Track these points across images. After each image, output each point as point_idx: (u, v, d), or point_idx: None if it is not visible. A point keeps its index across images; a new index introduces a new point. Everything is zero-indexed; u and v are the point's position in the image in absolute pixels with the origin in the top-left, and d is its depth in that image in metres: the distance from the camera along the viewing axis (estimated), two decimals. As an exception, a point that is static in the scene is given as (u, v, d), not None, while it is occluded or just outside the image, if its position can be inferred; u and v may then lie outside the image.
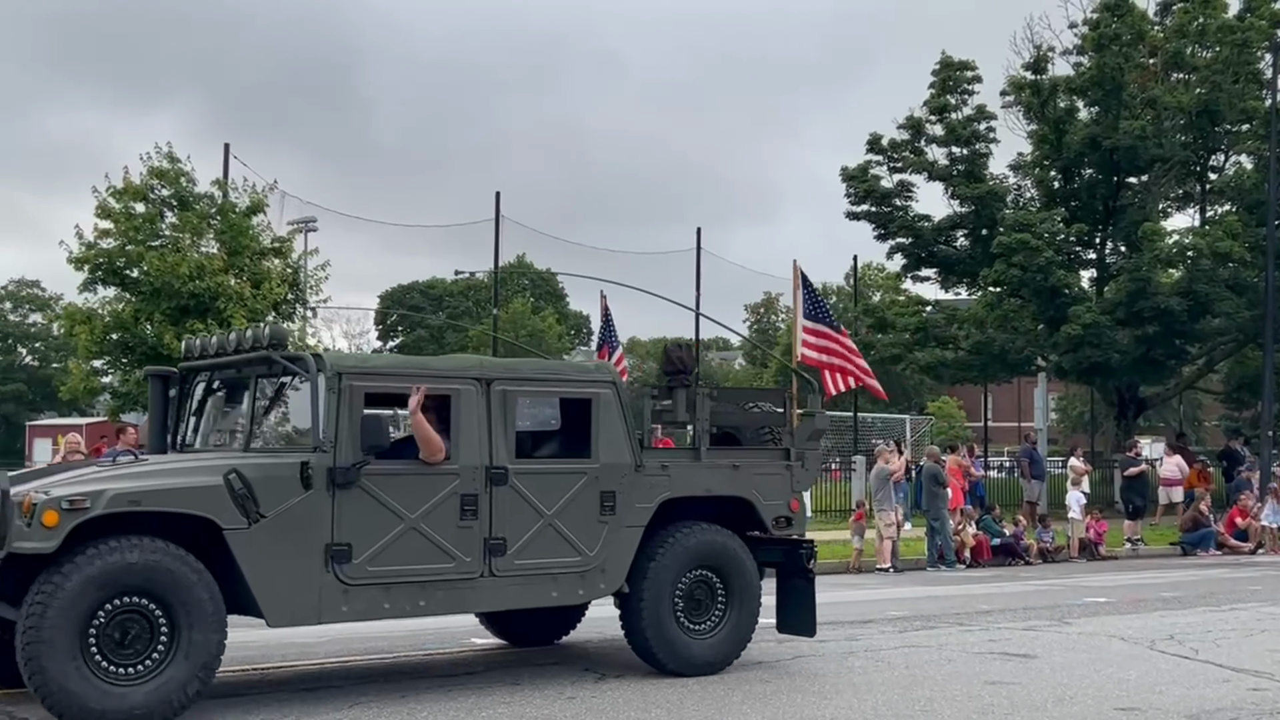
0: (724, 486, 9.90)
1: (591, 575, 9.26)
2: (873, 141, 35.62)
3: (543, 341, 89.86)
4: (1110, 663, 10.35)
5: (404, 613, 8.70)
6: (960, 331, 35.39)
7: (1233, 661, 10.36)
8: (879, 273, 66.50)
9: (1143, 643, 11.45)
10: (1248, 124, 32.72)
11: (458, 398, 8.88)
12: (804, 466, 10.33)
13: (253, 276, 22.92)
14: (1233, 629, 12.52)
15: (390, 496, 8.51)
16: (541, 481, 9.15)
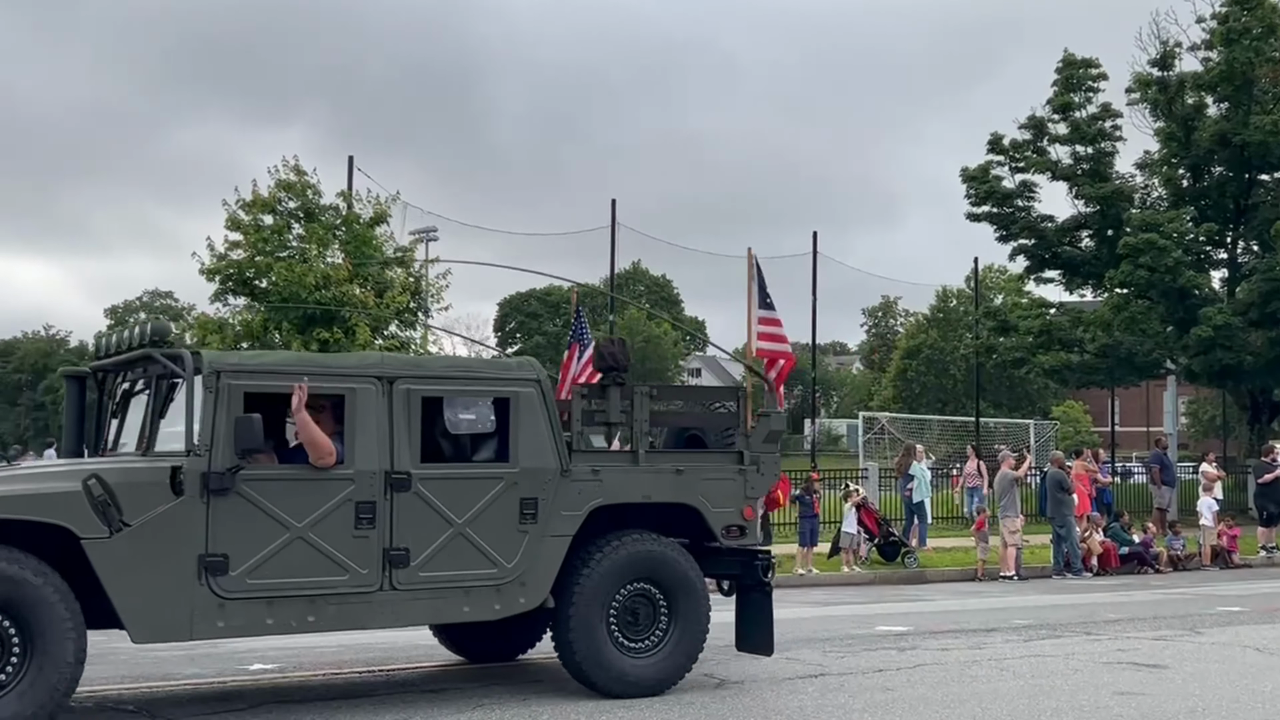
0: (666, 493, 9.19)
1: (509, 588, 8.57)
2: (994, 142, 35.09)
3: (658, 347, 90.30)
4: (1244, 674, 10.06)
5: (289, 629, 8.10)
6: (1085, 334, 34.64)
7: (1376, 675, 9.99)
8: (1000, 275, 65.34)
9: (1278, 654, 11.10)
10: (1385, 117, 31.53)
11: (354, 397, 8.27)
12: (760, 471, 9.55)
13: (376, 285, 23.42)
14: (1376, 641, 12.08)
15: (274, 504, 7.89)
16: (451, 487, 8.48)
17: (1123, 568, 21.55)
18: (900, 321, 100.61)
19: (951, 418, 58.79)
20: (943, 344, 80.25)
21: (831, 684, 9.53)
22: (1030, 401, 73.17)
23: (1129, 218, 32.44)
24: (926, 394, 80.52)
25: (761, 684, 9.52)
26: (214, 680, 9.58)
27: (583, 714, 8.41)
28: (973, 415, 46.38)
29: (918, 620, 13.88)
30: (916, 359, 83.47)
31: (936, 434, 53.03)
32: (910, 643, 11.85)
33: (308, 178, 23.78)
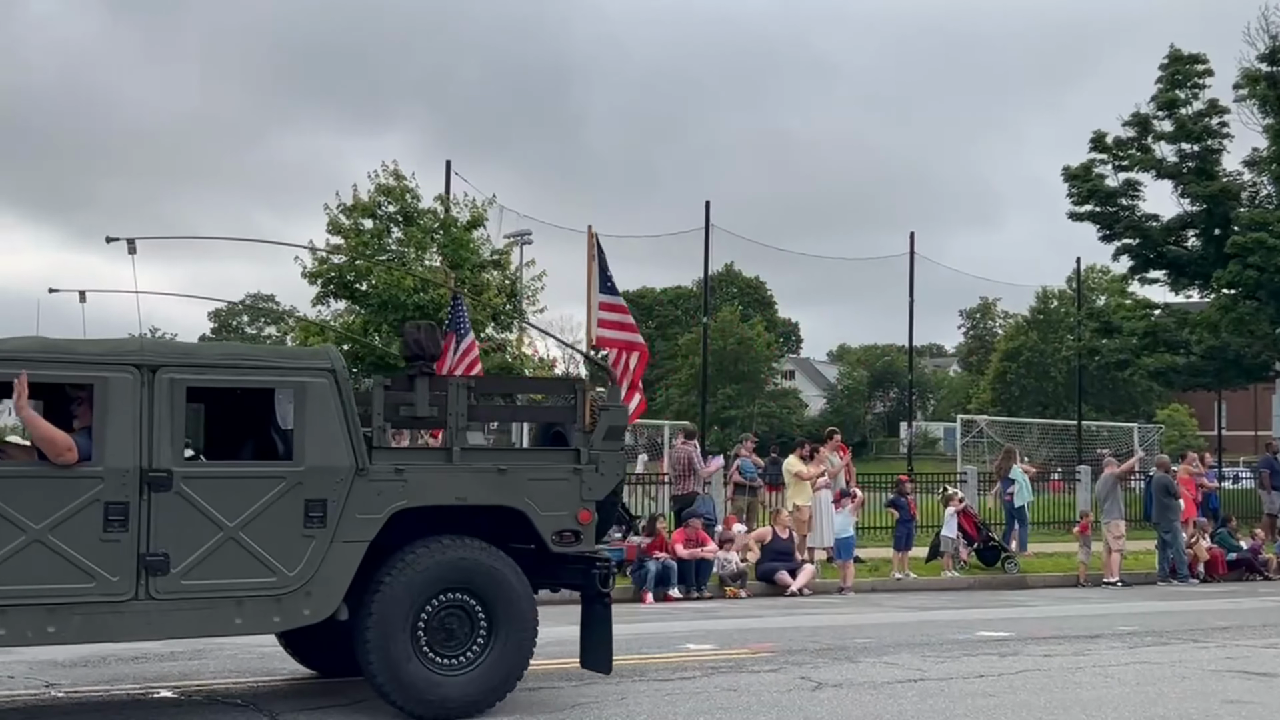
0: (485, 494, 8.33)
1: (292, 599, 7.77)
2: (1097, 139, 34.46)
3: (751, 349, 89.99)
4: (1363, 686, 9.76)
5: (26, 640, 7.42)
6: (1192, 336, 33.86)
7: None
8: (1103, 276, 64.14)
9: (1399, 665, 10.74)
10: None
11: (105, 387, 7.46)
12: (599, 471, 8.65)
13: (473, 288, 23.68)
14: None
15: (5, 504, 7.18)
16: (223, 487, 7.71)
17: (1230, 574, 21.02)
18: (999, 323, 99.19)
19: (1052, 421, 57.75)
20: (1043, 346, 78.94)
21: (931, 689, 9.42)
22: (1134, 405, 71.69)
23: (1237, 216, 31.66)
24: (1026, 397, 79.26)
25: (861, 688, 9.44)
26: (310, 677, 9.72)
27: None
28: (1074, 419, 45.53)
29: (1019, 626, 13.67)
30: (1016, 361, 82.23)
31: (1036, 438, 52.15)
32: (1012, 648, 11.67)
33: (406, 182, 24.12)
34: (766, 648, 11.56)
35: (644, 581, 16.76)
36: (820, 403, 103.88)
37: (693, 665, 10.49)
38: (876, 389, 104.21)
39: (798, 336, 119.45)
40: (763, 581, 17.92)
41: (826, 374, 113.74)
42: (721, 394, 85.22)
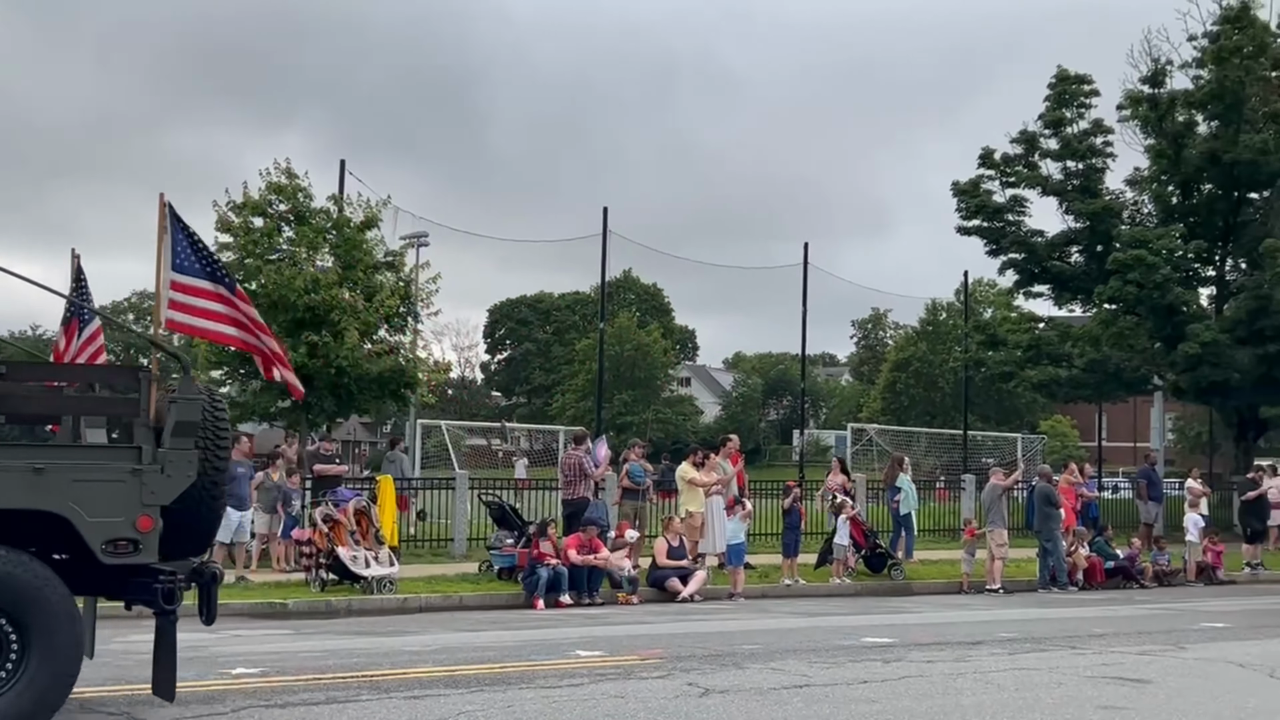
0: (15, 497, 7.34)
1: None
2: (985, 156, 35.22)
3: (647, 355, 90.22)
4: (1228, 689, 10.07)
5: None
6: (1074, 349, 34.75)
7: (1359, 692, 10.02)
8: (990, 289, 65.56)
9: (1262, 670, 11.12)
10: (1378, 138, 31.67)
11: None
12: (165, 471, 7.67)
13: (366, 290, 23.39)
14: (1359, 659, 12.11)
15: None
16: None
17: (1108, 582, 21.58)
18: (890, 334, 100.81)
19: (940, 430, 58.89)
20: (932, 357, 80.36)
21: (817, 695, 9.52)
22: (1018, 415, 73.36)
23: (1118, 234, 32.55)
24: (915, 406, 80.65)
25: (748, 694, 9.50)
26: (196, 684, 9.53)
27: None
28: (961, 428, 46.44)
29: (903, 632, 13.88)
30: (905, 371, 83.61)
31: (924, 447, 53.14)
32: (896, 654, 11.85)
33: (299, 180, 23.74)
34: (656, 654, 11.59)
35: (535, 588, 16.72)
36: (715, 409, 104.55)
37: (581, 672, 10.47)
38: (770, 397, 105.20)
39: (694, 344, 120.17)
40: (654, 588, 17.98)
41: (722, 381, 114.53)
42: (618, 400, 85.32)
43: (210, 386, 9.13)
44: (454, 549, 21.82)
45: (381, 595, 16.39)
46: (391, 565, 17.11)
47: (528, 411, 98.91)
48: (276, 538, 19.29)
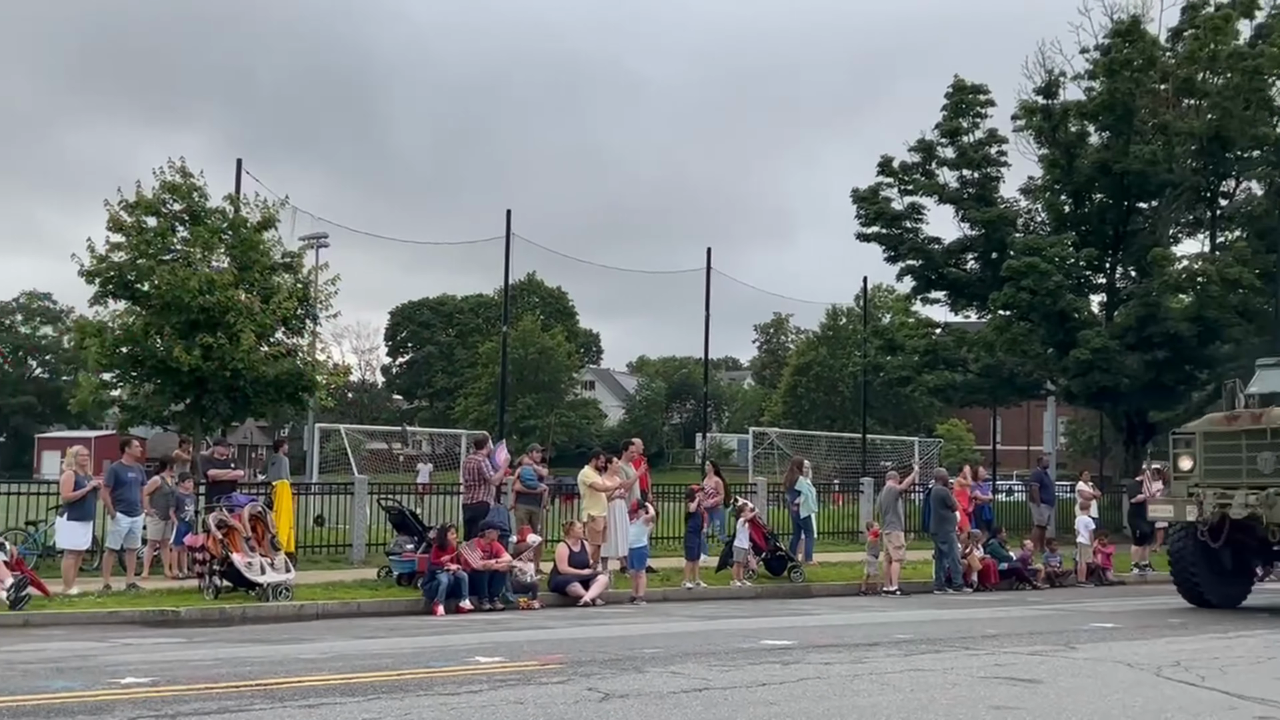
0: None
1: None
2: (884, 164, 35.73)
3: (551, 358, 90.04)
4: (1116, 689, 10.30)
5: None
6: (970, 354, 35.41)
7: (1239, 689, 10.29)
8: (889, 295, 66.57)
9: (1149, 669, 11.39)
10: (1258, 150, 32.77)
11: None
12: None
13: (263, 291, 23.01)
14: (1240, 655, 12.46)
15: None
16: None
17: (1001, 584, 21.99)
18: (791, 339, 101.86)
19: (840, 434, 59.58)
20: (832, 361, 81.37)
21: (716, 698, 9.54)
22: (916, 419, 74.55)
23: (1012, 241, 33.23)
24: (816, 410, 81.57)
25: (647, 698, 9.49)
26: (85, 694, 9.28)
27: None
28: (860, 432, 47.00)
29: (802, 634, 13.99)
30: (806, 376, 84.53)
31: (825, 450, 53.71)
32: (794, 656, 11.93)
33: (194, 180, 23.29)
34: (556, 659, 11.54)
35: (435, 593, 16.57)
36: (619, 413, 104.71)
37: (480, 679, 10.38)
38: (674, 400, 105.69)
39: (598, 347, 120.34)
40: (556, 593, 17.92)
41: (626, 384, 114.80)
42: (521, 403, 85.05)
43: None
44: (353, 555, 21.55)
45: (277, 602, 16.12)
46: (287, 572, 16.83)
47: (430, 415, 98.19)
48: (169, 544, 18.89)
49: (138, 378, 23.20)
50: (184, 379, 22.14)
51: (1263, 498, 16.50)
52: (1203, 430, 17.88)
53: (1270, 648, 13.15)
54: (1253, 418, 17.29)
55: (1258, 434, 16.94)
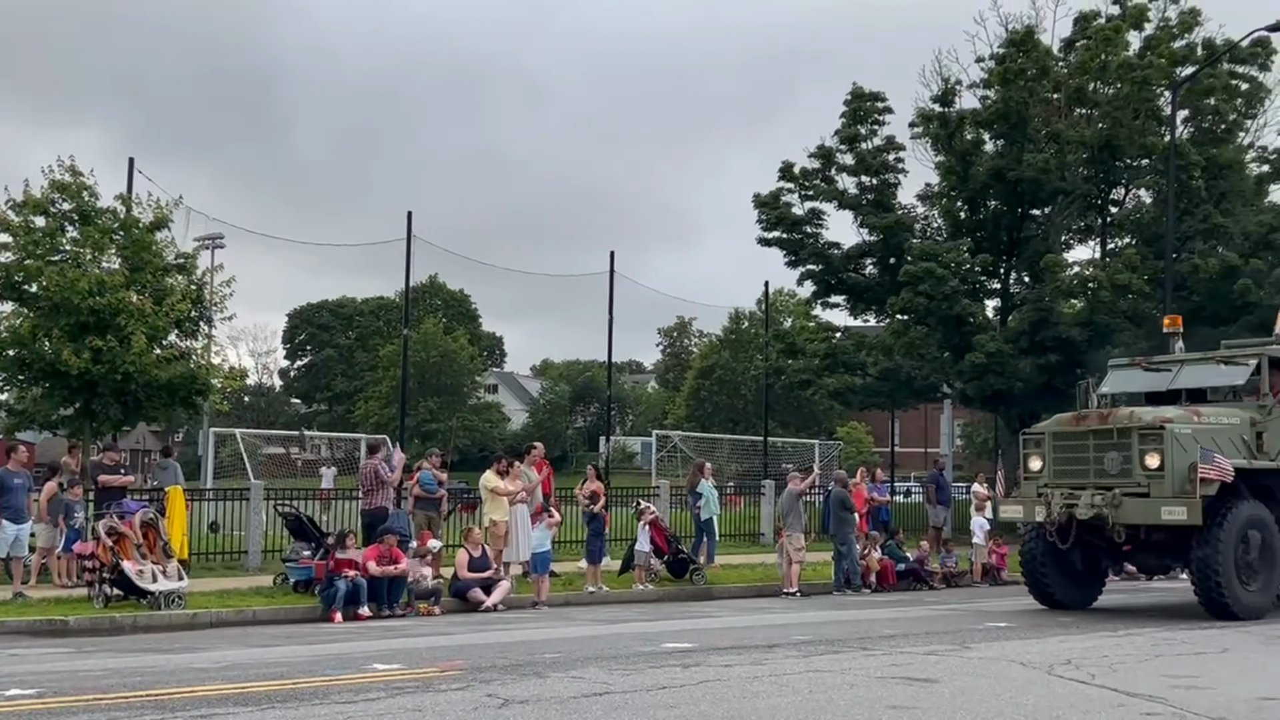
0: None
1: None
2: (785, 169, 36.06)
3: (454, 361, 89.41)
4: (1009, 688, 10.48)
5: None
6: (869, 358, 35.85)
7: (1128, 686, 10.53)
8: (790, 299, 67.25)
9: (1041, 668, 11.61)
10: (1147, 159, 33.63)
11: None
12: None
13: (155, 293, 22.51)
14: (1129, 653, 12.76)
15: None
16: None
17: (899, 584, 22.29)
18: (695, 342, 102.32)
19: (742, 437, 59.98)
20: (735, 365, 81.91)
21: (616, 702, 9.53)
22: (817, 422, 75.30)
23: (910, 247, 33.72)
24: (719, 413, 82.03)
25: (548, 703, 9.45)
26: None
27: None
28: (762, 434, 47.37)
29: (703, 637, 14.04)
30: (710, 379, 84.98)
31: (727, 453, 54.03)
32: (695, 659, 11.97)
33: (84, 179, 22.72)
34: (456, 665, 11.44)
35: (333, 600, 16.35)
36: (523, 416, 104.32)
37: (378, 686, 10.25)
38: (578, 403, 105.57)
39: (501, 350, 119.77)
40: (457, 598, 17.78)
41: (529, 388, 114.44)
42: (423, 407, 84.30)
43: None
44: (248, 562, 21.17)
45: (169, 611, 15.78)
46: (180, 579, 16.49)
47: (329, 419, 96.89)
48: (57, 552, 18.39)
49: (25, 381, 22.56)
50: (73, 382, 21.60)
51: (1108, 498, 16.36)
52: (1051, 430, 17.72)
53: (1157, 645, 13.49)
54: (1099, 417, 17.24)
55: (1104, 434, 16.85)
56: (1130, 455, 16.41)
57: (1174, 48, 33.68)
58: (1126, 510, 16.23)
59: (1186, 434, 16.32)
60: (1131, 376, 19.13)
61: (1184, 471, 16.04)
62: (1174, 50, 33.57)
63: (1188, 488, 15.92)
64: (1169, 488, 16.08)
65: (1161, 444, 16.16)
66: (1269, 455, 17.03)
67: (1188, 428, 16.47)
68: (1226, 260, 31.65)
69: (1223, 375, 18.18)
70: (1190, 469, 15.93)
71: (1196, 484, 15.79)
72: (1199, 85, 32.61)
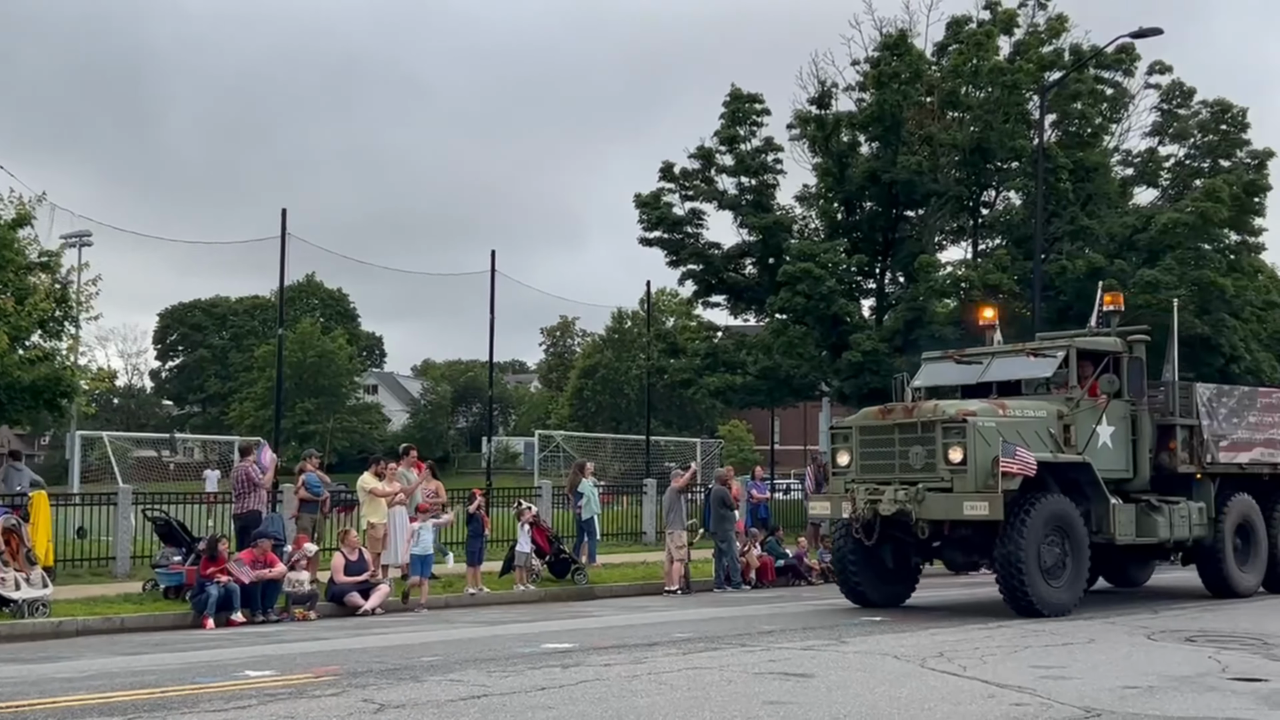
0: None
1: None
2: (665, 169, 36.21)
3: (332, 362, 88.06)
4: (884, 681, 10.66)
5: None
6: (749, 357, 36.15)
7: (998, 678, 10.79)
8: (672, 299, 67.57)
9: (915, 660, 11.83)
10: (1016, 162, 34.44)
11: None
12: None
13: (17, 292, 21.77)
14: (999, 645, 13.07)
15: None
16: None
17: (779, 580, 22.53)
18: (578, 342, 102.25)
19: (625, 436, 60.12)
20: (618, 364, 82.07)
21: (494, 704, 9.47)
22: (698, 420, 75.81)
23: (788, 247, 34.10)
24: (602, 413, 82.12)
25: (424, 707, 9.35)
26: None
27: None
28: (644, 434, 47.51)
29: (584, 637, 14.03)
30: (592, 379, 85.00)
31: (610, 452, 54.14)
32: (575, 659, 11.95)
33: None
34: (331, 671, 11.26)
35: (204, 606, 15.97)
36: (403, 417, 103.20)
37: (249, 694, 10.04)
38: (460, 404, 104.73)
39: (381, 350, 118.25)
40: (334, 603, 17.49)
41: (410, 388, 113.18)
42: (300, 408, 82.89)
43: None
44: (117, 568, 20.59)
45: (33, 619, 15.26)
46: (45, 587, 15.96)
47: (203, 421, 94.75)
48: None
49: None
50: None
51: (912, 493, 15.81)
52: (858, 424, 17.17)
53: (1026, 637, 13.83)
54: (905, 410, 16.76)
55: (909, 427, 16.33)
56: (934, 449, 15.93)
57: (1042, 53, 34.55)
58: (930, 506, 15.76)
59: (990, 427, 15.83)
60: (944, 370, 18.69)
61: (987, 466, 15.52)
62: (1042, 55, 34.44)
63: (990, 482, 15.43)
64: (971, 482, 15.57)
65: (964, 438, 15.66)
66: (1076, 448, 16.69)
67: (992, 421, 16.00)
68: (1092, 261, 32.58)
69: (1032, 367, 17.80)
70: (993, 463, 15.42)
71: (998, 479, 15.32)
72: (1066, 90, 33.52)
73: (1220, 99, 37.33)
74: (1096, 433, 16.88)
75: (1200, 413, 18.33)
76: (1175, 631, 14.29)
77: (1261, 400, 19.77)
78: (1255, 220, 36.96)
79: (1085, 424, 16.85)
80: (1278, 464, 19.57)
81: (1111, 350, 17.64)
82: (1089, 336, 18.42)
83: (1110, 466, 17.12)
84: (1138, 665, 11.60)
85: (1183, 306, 33.19)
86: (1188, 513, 17.81)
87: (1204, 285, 33.77)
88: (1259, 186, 35.80)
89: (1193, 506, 17.97)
